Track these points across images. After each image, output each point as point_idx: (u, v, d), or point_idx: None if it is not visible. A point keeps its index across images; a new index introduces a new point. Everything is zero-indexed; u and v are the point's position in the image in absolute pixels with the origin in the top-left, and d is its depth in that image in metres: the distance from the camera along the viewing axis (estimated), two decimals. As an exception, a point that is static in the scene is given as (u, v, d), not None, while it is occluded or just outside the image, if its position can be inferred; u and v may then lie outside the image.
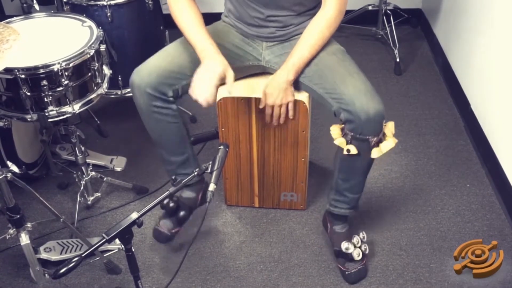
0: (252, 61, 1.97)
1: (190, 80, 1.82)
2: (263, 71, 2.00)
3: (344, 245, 1.93)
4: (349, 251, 1.93)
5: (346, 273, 1.95)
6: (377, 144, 1.75)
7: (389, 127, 1.79)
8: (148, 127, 1.92)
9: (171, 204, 2.00)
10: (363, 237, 1.98)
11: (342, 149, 1.77)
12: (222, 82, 1.77)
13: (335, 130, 1.78)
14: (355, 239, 1.96)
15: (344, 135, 1.76)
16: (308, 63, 1.82)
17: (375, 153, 1.75)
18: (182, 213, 2.04)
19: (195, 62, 1.84)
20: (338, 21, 1.81)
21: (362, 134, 1.72)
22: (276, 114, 1.86)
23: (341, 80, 1.75)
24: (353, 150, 1.75)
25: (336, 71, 1.79)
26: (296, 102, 1.89)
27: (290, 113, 1.88)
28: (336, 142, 1.77)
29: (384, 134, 1.76)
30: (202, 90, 1.72)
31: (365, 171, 1.88)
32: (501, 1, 2.32)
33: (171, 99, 1.83)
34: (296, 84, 1.87)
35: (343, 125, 1.76)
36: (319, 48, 1.82)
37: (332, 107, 1.76)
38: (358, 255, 1.94)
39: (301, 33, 1.86)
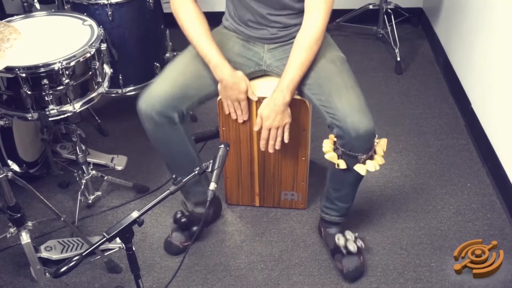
0: (254, 67, 1.97)
1: (194, 100, 1.85)
2: (264, 74, 2.00)
3: (336, 236, 1.96)
4: (341, 242, 1.94)
5: (344, 271, 1.95)
6: (365, 161, 1.77)
7: (381, 145, 1.80)
8: (158, 150, 1.94)
9: (183, 220, 2.03)
10: (356, 236, 1.99)
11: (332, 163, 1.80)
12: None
13: (327, 144, 1.81)
14: (347, 233, 1.97)
15: (335, 149, 1.79)
16: (300, 80, 1.81)
17: (360, 169, 1.77)
18: (195, 228, 2.07)
19: (198, 80, 1.86)
20: (323, 31, 1.78)
21: (352, 150, 1.74)
22: (273, 136, 1.86)
23: (337, 93, 1.76)
24: (342, 165, 1.78)
25: (333, 82, 1.79)
26: (298, 101, 1.89)
27: (286, 135, 1.87)
28: (327, 156, 1.80)
29: (375, 151, 1.78)
30: (239, 113, 1.92)
31: (356, 183, 1.92)
32: (502, 0, 2.32)
33: (177, 120, 1.83)
34: (297, 90, 1.87)
35: (335, 139, 1.78)
36: (310, 63, 1.80)
37: (326, 120, 1.79)
38: (353, 247, 1.94)
39: None
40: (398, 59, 3.07)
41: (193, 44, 1.84)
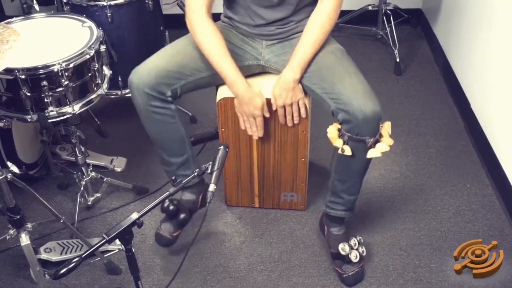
0: (251, 61, 1.97)
1: (189, 80, 1.83)
2: (262, 70, 2.00)
3: (341, 246, 1.93)
4: (346, 253, 1.92)
5: (344, 275, 1.94)
6: (373, 145, 1.75)
7: (386, 128, 1.79)
8: (147, 128, 1.92)
9: (171, 207, 2.00)
10: (360, 240, 1.98)
11: (337, 151, 1.77)
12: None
13: (332, 130, 1.78)
14: (352, 241, 1.95)
15: (341, 135, 1.76)
16: (311, 58, 1.82)
17: (371, 153, 1.75)
18: (182, 215, 2.04)
19: (195, 61, 1.84)
20: (338, 13, 1.81)
21: (359, 134, 1.72)
22: (289, 112, 1.87)
23: (339, 80, 1.76)
24: (348, 151, 1.75)
25: (334, 71, 1.79)
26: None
27: (302, 110, 1.88)
28: (333, 143, 1.78)
29: (380, 135, 1.77)
30: (254, 129, 1.92)
31: (362, 172, 1.89)
32: (501, 1, 2.32)
33: (169, 99, 1.83)
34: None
35: (340, 126, 1.76)
36: (322, 42, 1.82)
37: (330, 107, 1.77)
38: (356, 257, 1.93)
39: (301, 31, 1.86)
40: (398, 60, 3.07)
41: (209, 59, 1.83)
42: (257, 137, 1.96)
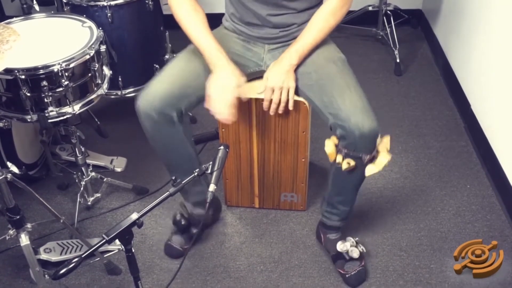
0: (253, 68, 1.96)
1: (192, 99, 1.83)
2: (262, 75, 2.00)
3: (339, 245, 1.95)
4: (345, 249, 1.93)
5: (347, 276, 1.95)
6: (370, 161, 1.76)
7: (385, 142, 1.78)
8: (158, 152, 1.92)
9: (183, 222, 2.02)
10: (357, 240, 1.99)
11: (336, 165, 1.78)
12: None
13: (330, 146, 1.78)
14: (348, 239, 1.97)
15: (338, 151, 1.77)
16: (312, 50, 1.82)
17: (369, 171, 1.76)
18: (194, 230, 2.05)
19: (196, 79, 1.84)
20: (344, 10, 1.82)
21: (356, 151, 1.73)
22: (276, 98, 1.82)
23: (339, 94, 1.75)
24: (345, 165, 1.75)
25: (335, 83, 1.79)
26: (297, 103, 1.89)
27: (290, 102, 1.83)
28: (331, 159, 1.78)
29: (377, 151, 1.77)
30: (221, 109, 1.74)
31: (357, 186, 1.91)
32: (500, 2, 2.32)
33: (175, 119, 1.81)
34: (297, 91, 1.86)
35: (337, 141, 1.77)
36: (325, 35, 1.83)
37: (328, 121, 1.77)
38: (356, 253, 1.94)
39: None
40: (398, 60, 3.07)
41: (189, 36, 1.82)
42: (230, 123, 1.85)
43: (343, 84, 1.78)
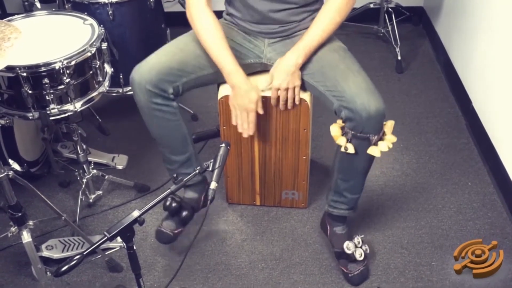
0: (253, 59, 1.96)
1: (191, 77, 1.82)
2: (264, 68, 2.00)
3: (345, 245, 1.93)
4: (351, 251, 1.92)
5: (350, 275, 1.94)
6: (377, 143, 1.74)
7: (389, 126, 1.78)
8: (149, 126, 1.91)
9: (174, 205, 2.00)
10: (363, 238, 1.98)
11: (340, 149, 1.76)
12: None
13: (335, 129, 1.77)
14: (356, 240, 1.96)
15: (344, 133, 1.75)
16: (317, 47, 1.82)
17: (371, 150, 1.74)
18: (184, 213, 2.04)
19: (197, 59, 1.84)
20: (348, 7, 1.82)
21: (363, 132, 1.71)
22: (283, 98, 1.86)
23: (343, 78, 1.75)
24: (351, 149, 1.74)
25: (337, 68, 1.79)
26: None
27: (297, 98, 1.87)
28: (337, 141, 1.77)
29: (384, 133, 1.76)
30: (245, 126, 1.88)
31: (365, 171, 1.88)
32: (503, -1, 2.32)
33: (171, 96, 1.82)
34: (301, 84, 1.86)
35: (343, 124, 1.76)
36: (330, 33, 1.83)
37: (333, 105, 1.76)
38: (360, 255, 1.93)
39: (303, 29, 1.86)
40: (399, 58, 3.07)
41: (207, 50, 1.83)
42: (247, 136, 1.93)
43: (345, 69, 1.78)
